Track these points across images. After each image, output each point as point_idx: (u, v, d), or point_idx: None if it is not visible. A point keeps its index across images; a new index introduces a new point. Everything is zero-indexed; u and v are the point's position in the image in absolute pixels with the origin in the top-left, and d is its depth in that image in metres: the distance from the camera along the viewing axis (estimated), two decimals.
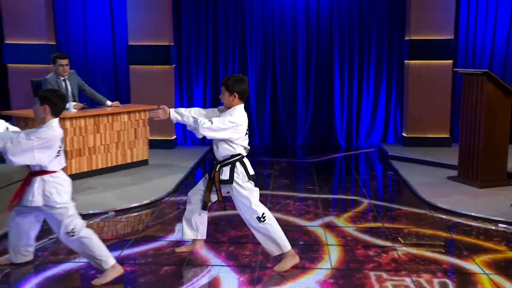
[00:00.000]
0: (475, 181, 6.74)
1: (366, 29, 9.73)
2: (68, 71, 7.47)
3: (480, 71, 6.62)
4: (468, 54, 9.47)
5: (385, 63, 9.79)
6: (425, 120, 9.18)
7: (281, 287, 4.00)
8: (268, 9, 9.76)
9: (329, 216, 5.78)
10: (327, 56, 9.86)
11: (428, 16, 8.97)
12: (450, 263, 4.52)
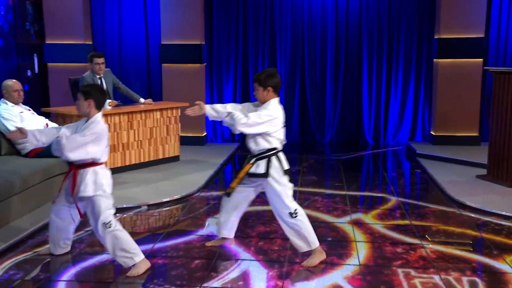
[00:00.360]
0: (505, 180, 6.64)
1: (395, 27, 9.64)
2: (103, 69, 7.56)
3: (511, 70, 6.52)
4: (499, 53, 9.30)
5: (413, 61, 9.70)
6: (454, 119, 9.07)
7: (310, 282, 3.99)
8: (298, 8, 9.73)
9: (357, 213, 5.75)
10: (356, 54, 9.80)
11: (458, 15, 8.84)
12: (479, 261, 4.45)
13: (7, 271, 4.18)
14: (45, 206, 5.68)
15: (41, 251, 4.54)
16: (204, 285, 3.91)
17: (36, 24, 8.88)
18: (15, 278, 4.05)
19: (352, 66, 9.83)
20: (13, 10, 8.14)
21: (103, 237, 4.09)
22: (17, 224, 5.10)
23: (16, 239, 4.74)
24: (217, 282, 3.98)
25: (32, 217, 5.34)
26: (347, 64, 9.84)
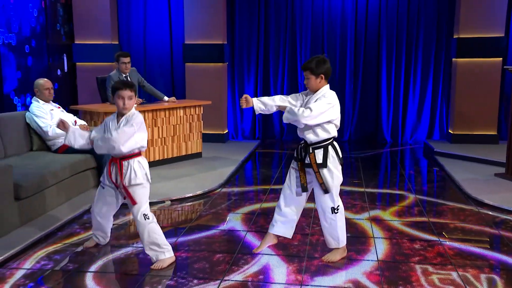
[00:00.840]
0: None
1: (414, 27, 9.58)
2: (129, 68, 7.62)
3: None
4: None
5: (432, 60, 9.63)
6: (472, 117, 8.98)
7: (328, 277, 3.98)
8: (318, 8, 9.71)
9: (375, 209, 5.72)
10: (375, 54, 9.76)
11: (478, 14, 8.75)
12: (497, 259, 4.40)
13: (39, 261, 4.24)
14: (74, 200, 5.76)
15: (86, 244, 4.59)
16: (225, 279, 3.92)
17: (66, 25, 8.98)
18: (46, 268, 4.11)
19: (371, 65, 9.79)
20: (45, 12, 8.24)
21: (141, 227, 4.16)
22: (47, 217, 5.17)
23: (47, 231, 4.81)
24: (238, 275, 3.98)
25: (62, 210, 5.41)
26: (366, 63, 9.79)
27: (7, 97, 7.22)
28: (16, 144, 6.02)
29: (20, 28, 7.54)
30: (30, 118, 6.17)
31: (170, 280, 3.90)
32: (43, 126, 6.11)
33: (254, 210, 5.65)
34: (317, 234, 4.90)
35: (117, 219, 5.31)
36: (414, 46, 9.64)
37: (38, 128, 6.15)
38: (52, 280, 3.92)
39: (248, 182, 7.22)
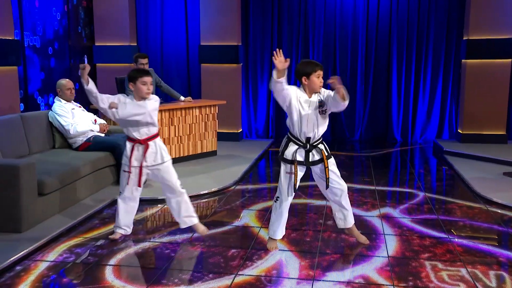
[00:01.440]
0: None
1: (424, 28, 9.54)
2: (147, 69, 7.64)
3: None
4: None
5: (442, 61, 9.59)
6: (481, 117, 8.93)
7: (340, 272, 3.97)
8: (330, 11, 9.69)
9: (386, 207, 5.70)
10: (385, 55, 9.73)
11: (487, 16, 8.70)
12: (506, 256, 4.36)
13: (62, 254, 4.29)
14: (94, 196, 5.81)
15: (113, 236, 4.65)
16: (239, 273, 3.93)
17: (87, 27, 9.05)
18: (68, 261, 4.15)
19: (382, 66, 9.76)
20: (67, 16, 8.31)
21: (181, 196, 4.53)
22: (69, 212, 5.22)
23: (69, 225, 4.86)
24: (252, 270, 3.99)
25: (82, 205, 5.46)
26: (377, 64, 9.77)
27: (31, 97, 7.29)
28: (40, 142, 6.08)
29: (44, 31, 7.60)
30: (53, 117, 6.23)
31: (186, 274, 3.92)
32: (65, 124, 6.16)
33: (267, 207, 5.65)
34: (329, 230, 4.91)
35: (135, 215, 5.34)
36: (424, 48, 9.60)
37: (60, 126, 6.21)
38: (74, 273, 3.96)
39: (262, 179, 7.23)
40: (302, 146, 4.25)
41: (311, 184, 6.66)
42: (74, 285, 3.75)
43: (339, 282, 3.80)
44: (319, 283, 3.78)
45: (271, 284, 3.77)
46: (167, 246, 4.49)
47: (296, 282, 3.79)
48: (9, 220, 4.61)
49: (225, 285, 3.73)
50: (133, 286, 3.72)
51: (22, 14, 7.06)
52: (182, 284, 3.74)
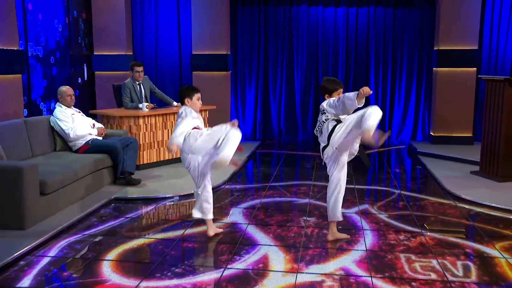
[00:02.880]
0: (495, 175, 6.57)
1: (399, 39, 9.58)
2: (142, 76, 7.63)
3: (502, 78, 6.44)
4: (491, 62, 9.22)
5: (415, 69, 9.63)
6: (450, 121, 8.99)
7: (321, 265, 3.98)
8: (313, 22, 9.71)
9: (364, 204, 5.72)
10: (364, 64, 9.75)
11: (455, 29, 8.78)
12: (472, 247, 4.41)
13: (62, 250, 4.26)
14: (92, 195, 5.77)
15: (212, 233, 4.62)
16: (228, 267, 3.92)
17: (87, 38, 8.99)
18: (68, 256, 4.12)
19: (360, 74, 9.78)
20: (68, 27, 8.26)
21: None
22: (69, 210, 5.18)
23: (69, 223, 4.83)
24: (240, 264, 3.98)
25: (82, 204, 5.42)
26: (356, 72, 9.79)
27: (34, 103, 7.23)
28: (42, 145, 6.04)
29: (46, 42, 7.55)
30: (54, 122, 6.18)
31: (178, 268, 3.90)
32: (65, 128, 6.12)
33: (254, 205, 5.65)
34: (312, 226, 4.91)
35: (130, 213, 5.32)
36: (399, 57, 9.64)
37: (61, 130, 6.17)
38: (74, 267, 3.93)
39: (249, 179, 7.22)
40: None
41: (295, 183, 6.68)
42: (74, 278, 3.73)
43: (321, 274, 3.80)
44: (303, 275, 3.78)
45: (258, 276, 3.76)
46: (161, 242, 4.47)
47: (281, 275, 3.79)
48: (13, 218, 4.57)
49: (214, 278, 3.73)
50: (129, 279, 3.70)
51: (26, 26, 7.00)
52: (175, 278, 3.73)
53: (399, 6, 9.48)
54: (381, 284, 3.65)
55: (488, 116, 6.71)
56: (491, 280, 3.74)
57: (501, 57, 9.19)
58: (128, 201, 5.75)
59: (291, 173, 7.32)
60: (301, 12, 9.68)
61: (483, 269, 3.93)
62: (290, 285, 3.63)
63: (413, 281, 3.69)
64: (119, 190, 6.02)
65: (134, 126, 7.04)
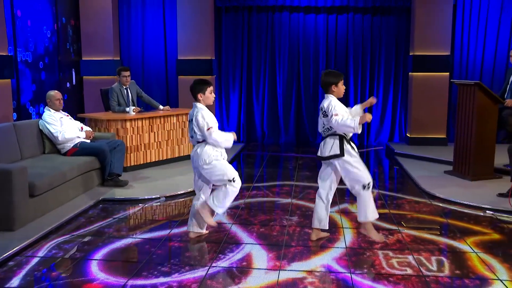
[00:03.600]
0: (468, 174, 6.64)
1: (377, 45, 9.65)
2: (129, 81, 7.59)
3: (473, 82, 6.51)
4: (462, 68, 9.35)
5: (392, 74, 9.70)
6: (425, 123, 9.08)
7: (303, 262, 4.00)
8: (294, 29, 9.74)
9: (344, 203, 5.75)
10: (343, 68, 9.80)
11: (429, 36, 8.87)
12: (445, 243, 4.47)
13: (51, 250, 4.22)
14: (81, 196, 5.73)
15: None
16: (213, 265, 3.92)
17: (75, 44, 8.92)
18: (57, 256, 4.09)
19: None
20: (57, 33, 8.18)
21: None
22: (57, 212, 5.14)
23: (58, 223, 4.79)
24: (224, 262, 3.99)
25: (70, 205, 5.38)
26: None
27: (24, 107, 7.15)
28: (31, 148, 5.97)
29: (35, 47, 7.47)
30: (43, 125, 6.12)
31: (164, 267, 3.89)
32: (54, 132, 6.06)
33: (238, 205, 5.64)
34: (294, 225, 4.92)
35: (118, 214, 5.29)
36: (376, 61, 9.71)
37: (49, 133, 6.11)
38: (62, 267, 3.90)
39: None
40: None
41: (278, 183, 6.69)
42: (63, 278, 3.70)
43: (302, 271, 3.82)
44: (285, 272, 3.79)
45: (242, 274, 3.77)
46: (147, 242, 4.45)
47: (264, 272, 3.80)
48: (3, 220, 4.53)
49: (200, 276, 3.72)
50: (116, 278, 3.68)
51: (16, 32, 6.93)
52: (161, 276, 3.71)
53: (377, 14, 9.56)
54: (360, 280, 3.68)
55: (460, 118, 6.79)
56: (463, 274, 3.79)
57: (471, 62, 9.32)
58: (115, 202, 5.71)
59: (274, 174, 7.34)
60: (283, 18, 9.71)
61: (455, 264, 3.99)
62: (273, 282, 3.63)
63: (391, 276, 3.72)
64: (106, 192, 5.98)
65: (121, 129, 7.00)
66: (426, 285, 3.57)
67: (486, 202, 5.56)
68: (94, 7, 8.96)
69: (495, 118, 6.57)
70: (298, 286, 3.57)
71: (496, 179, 6.56)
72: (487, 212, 5.35)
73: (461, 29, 9.25)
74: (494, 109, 6.54)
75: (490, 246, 4.38)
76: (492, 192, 5.91)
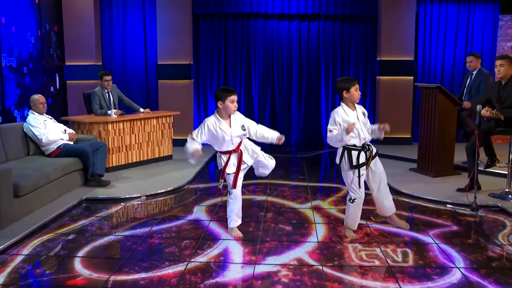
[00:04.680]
0: (430, 171, 6.76)
1: (346, 50, 9.73)
2: (111, 85, 7.53)
3: (434, 86, 6.63)
4: (425, 72, 9.49)
5: (361, 77, 9.78)
6: (392, 123, 8.89)
7: (277, 256, 4.02)
8: (269, 35, 9.75)
9: (317, 200, 5.78)
10: (315, 72, 9.86)
11: (394, 42, 9.00)
12: (410, 236, 4.54)
13: (35, 248, 4.17)
14: (64, 196, 5.66)
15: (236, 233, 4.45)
16: (192, 260, 3.91)
17: (58, 49, 8.79)
18: (41, 254, 4.04)
19: (312, 81, 9.87)
20: (41, 39, 8.05)
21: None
22: (42, 211, 5.07)
23: (42, 222, 4.72)
24: (203, 257, 3.98)
25: (54, 205, 5.31)
26: (309, 79, 9.88)
27: (9, 111, 7.02)
28: (16, 150, 5.89)
29: (19, 53, 7.34)
30: (27, 128, 6.04)
31: (145, 263, 3.87)
32: (38, 134, 5.98)
33: (216, 203, 5.65)
34: (269, 221, 4.94)
35: (100, 212, 5.24)
36: (346, 66, 9.78)
37: (33, 136, 6.02)
38: (47, 264, 3.85)
39: (211, 179, 7.20)
40: (360, 150, 4.26)
41: (255, 182, 6.70)
42: (47, 275, 3.65)
43: (277, 265, 3.84)
44: (260, 266, 3.81)
45: (219, 269, 3.78)
46: (129, 239, 4.42)
47: (240, 266, 3.81)
48: None
49: (179, 271, 3.72)
50: (99, 274, 3.65)
51: (0, 38, 6.80)
52: (142, 271, 3.70)
53: (346, 22, 9.64)
54: (331, 271, 3.71)
55: (423, 119, 6.90)
56: (425, 263, 3.87)
57: (433, 67, 9.47)
58: (98, 201, 5.66)
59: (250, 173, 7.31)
60: (258, 25, 9.72)
61: (418, 254, 4.06)
62: (249, 275, 3.65)
63: (359, 267, 3.78)
64: (89, 191, 5.92)
65: (103, 131, 6.93)
66: (392, 275, 3.64)
67: (446, 197, 5.67)
68: (76, 14, 8.86)
69: (455, 119, 6.70)
70: (273, 278, 3.60)
71: (456, 175, 6.69)
72: (448, 206, 5.46)
73: (423, 36, 9.40)
74: (454, 111, 6.67)
75: (450, 237, 4.47)
76: (452, 188, 6.03)
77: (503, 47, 9.38)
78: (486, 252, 4.11)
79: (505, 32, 9.34)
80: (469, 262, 3.89)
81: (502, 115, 5.48)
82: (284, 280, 3.57)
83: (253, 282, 3.54)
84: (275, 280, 3.58)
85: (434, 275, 3.65)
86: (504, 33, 9.34)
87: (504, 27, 9.32)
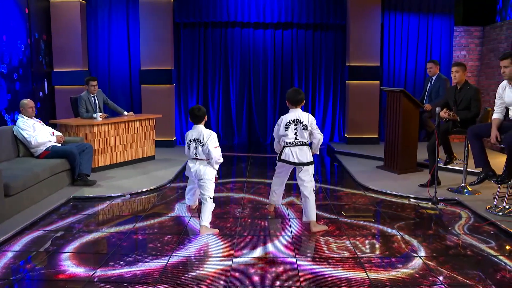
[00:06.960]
0: (395, 169, 6.85)
1: (318, 58, 9.79)
2: (97, 90, 7.45)
3: (398, 89, 6.72)
4: (390, 77, 9.62)
5: (332, 82, 9.86)
6: (360, 124, 9.29)
7: (254, 250, 4.04)
8: (245, 42, 9.77)
9: (291, 196, 5.81)
10: (289, 77, 9.91)
11: (362, 49, 9.10)
12: (377, 228, 4.61)
13: (26, 245, 4.11)
14: (53, 195, 5.59)
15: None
16: (173, 255, 3.91)
17: (47, 56, 8.67)
18: (32, 250, 3.99)
19: (286, 85, 9.90)
20: (30, 47, 7.93)
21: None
22: (31, 210, 5.00)
23: (32, 220, 4.66)
24: (184, 252, 3.98)
25: (43, 203, 5.24)
26: (283, 83, 9.91)
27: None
28: (6, 152, 5.79)
29: (10, 60, 7.23)
30: (17, 131, 5.94)
31: (129, 257, 3.86)
32: (27, 137, 5.90)
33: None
34: (246, 217, 4.96)
35: (86, 210, 5.20)
36: (318, 71, 9.85)
37: (23, 138, 5.93)
38: (37, 260, 3.81)
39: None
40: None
41: (232, 180, 6.72)
42: (37, 270, 3.61)
43: (253, 258, 3.86)
44: (238, 259, 3.83)
45: (199, 262, 3.78)
46: (114, 235, 4.40)
47: (219, 260, 3.82)
48: None
49: (161, 265, 3.71)
50: (86, 269, 3.63)
51: None
52: (127, 266, 3.68)
53: (317, 30, 9.72)
54: (304, 263, 3.75)
55: (389, 120, 6.98)
56: (390, 253, 3.95)
57: (397, 72, 9.61)
58: (85, 199, 5.60)
59: (228, 172, 7.36)
60: (235, 33, 9.73)
61: (384, 245, 4.14)
62: (227, 268, 3.67)
63: (330, 259, 3.82)
64: (76, 190, 5.85)
65: (89, 133, 6.86)
66: (360, 265, 3.69)
67: (410, 192, 5.77)
68: (64, 23, 8.75)
69: (417, 120, 6.81)
70: (250, 271, 3.62)
71: (418, 172, 6.81)
72: (411, 200, 5.57)
73: (388, 44, 9.53)
74: (416, 113, 6.78)
75: (413, 229, 4.56)
76: (415, 183, 6.14)
77: (457, 55, 9.60)
78: (444, 242, 4.21)
79: (459, 42, 9.57)
80: (429, 251, 3.98)
81: (458, 117, 5.62)
82: (260, 272, 3.59)
83: (231, 274, 3.55)
84: (251, 272, 3.60)
85: (398, 264, 3.73)
86: (458, 42, 9.57)
87: (458, 37, 9.55)
